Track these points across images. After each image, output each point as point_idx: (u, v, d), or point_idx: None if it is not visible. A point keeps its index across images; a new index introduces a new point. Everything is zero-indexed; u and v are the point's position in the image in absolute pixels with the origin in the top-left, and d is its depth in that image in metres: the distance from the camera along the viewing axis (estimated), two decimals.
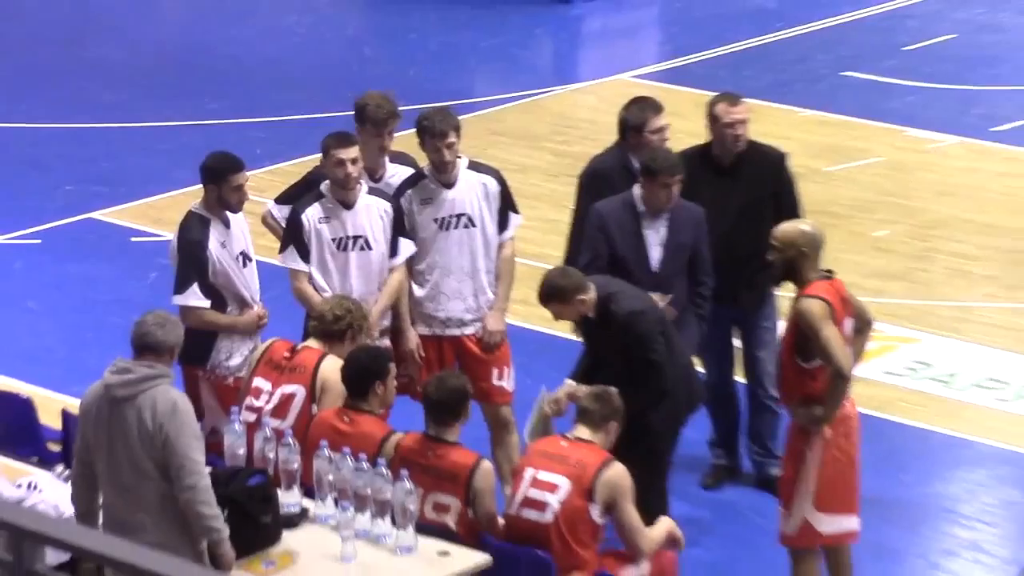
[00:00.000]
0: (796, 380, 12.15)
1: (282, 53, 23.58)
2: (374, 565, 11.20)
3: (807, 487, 12.03)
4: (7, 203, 19.21)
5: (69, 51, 24.08)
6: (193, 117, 20.55)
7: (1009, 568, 10.92)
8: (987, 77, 22.49)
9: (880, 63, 22.88)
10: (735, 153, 13.98)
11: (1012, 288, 17.37)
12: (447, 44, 23.74)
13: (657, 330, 12.44)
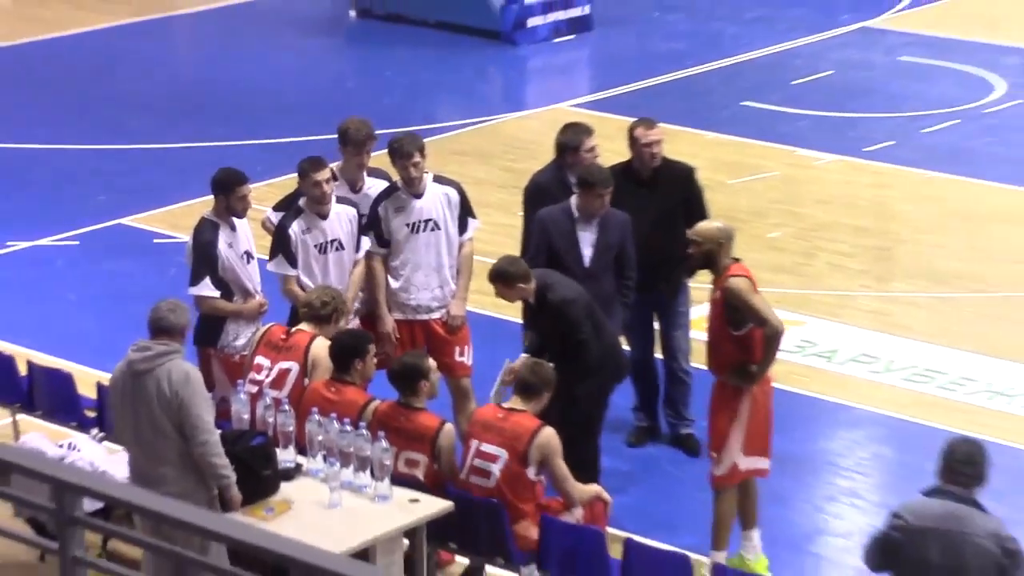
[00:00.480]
0: (728, 348, 12.33)
1: (278, 86, 23.51)
2: (356, 511, 11.34)
3: (738, 437, 12.23)
4: (50, 211, 19.21)
5: (101, 85, 23.98)
6: (204, 139, 20.52)
7: (880, 511, 10.96)
8: (860, 106, 22.51)
9: (772, 95, 22.90)
10: (652, 168, 14.13)
11: (881, 279, 17.55)
12: (415, 79, 23.69)
13: (584, 315, 12.54)
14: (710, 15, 26.50)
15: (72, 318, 16.58)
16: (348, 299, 13.36)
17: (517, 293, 12.72)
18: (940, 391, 15.30)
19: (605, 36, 25.48)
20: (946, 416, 14.41)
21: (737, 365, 12.30)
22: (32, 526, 10.98)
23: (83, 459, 12.11)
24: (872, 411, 15.03)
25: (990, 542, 9.84)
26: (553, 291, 12.62)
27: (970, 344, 16.12)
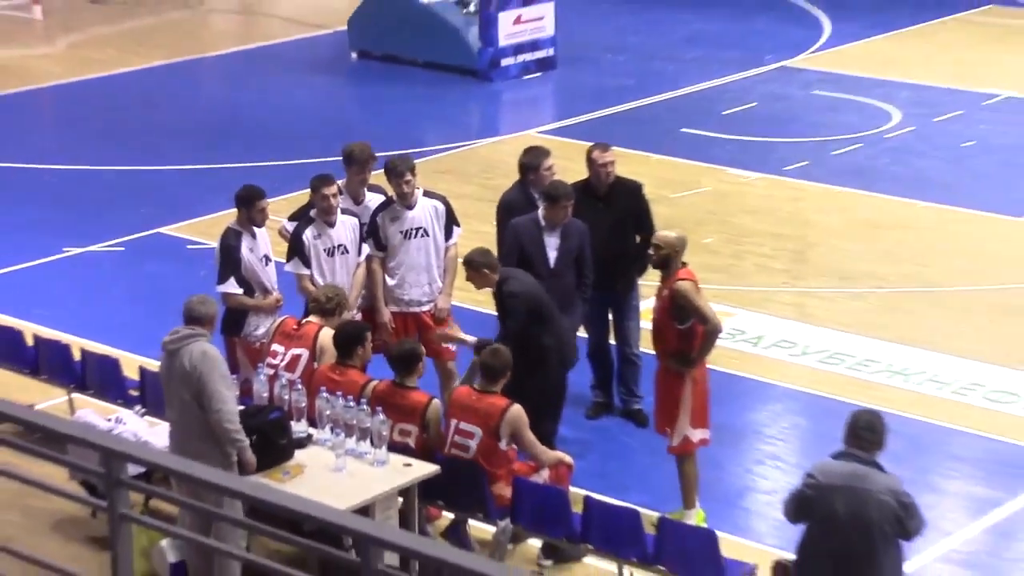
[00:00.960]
0: (672, 339, 12.48)
1: (291, 116, 23.52)
2: (358, 473, 11.37)
3: (686, 414, 12.35)
4: (100, 222, 19.19)
5: (141, 117, 23.96)
6: (228, 161, 20.55)
7: (797, 471, 10.97)
8: (780, 132, 22.54)
9: (706, 123, 22.90)
10: (607, 185, 14.17)
11: (798, 277, 17.58)
12: (407, 110, 23.71)
13: (524, 310, 12.64)
14: (653, 56, 26.48)
15: (118, 312, 16.60)
16: (352, 296, 13.45)
17: (482, 279, 12.84)
18: (848, 371, 15.35)
19: (566, 74, 25.46)
20: (852, 392, 14.44)
21: (678, 353, 12.44)
22: (84, 487, 10.97)
23: (128, 431, 12.14)
24: (791, 388, 15.11)
25: (889, 497, 9.89)
26: (507, 284, 12.74)
27: (873, 331, 16.15)
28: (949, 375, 15.28)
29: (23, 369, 14.21)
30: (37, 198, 20.39)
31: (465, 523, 12.14)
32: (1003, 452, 14.01)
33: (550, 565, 12.02)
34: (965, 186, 20.39)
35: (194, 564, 11.47)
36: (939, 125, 22.82)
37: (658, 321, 12.58)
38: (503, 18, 25.05)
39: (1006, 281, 17.50)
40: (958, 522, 12.87)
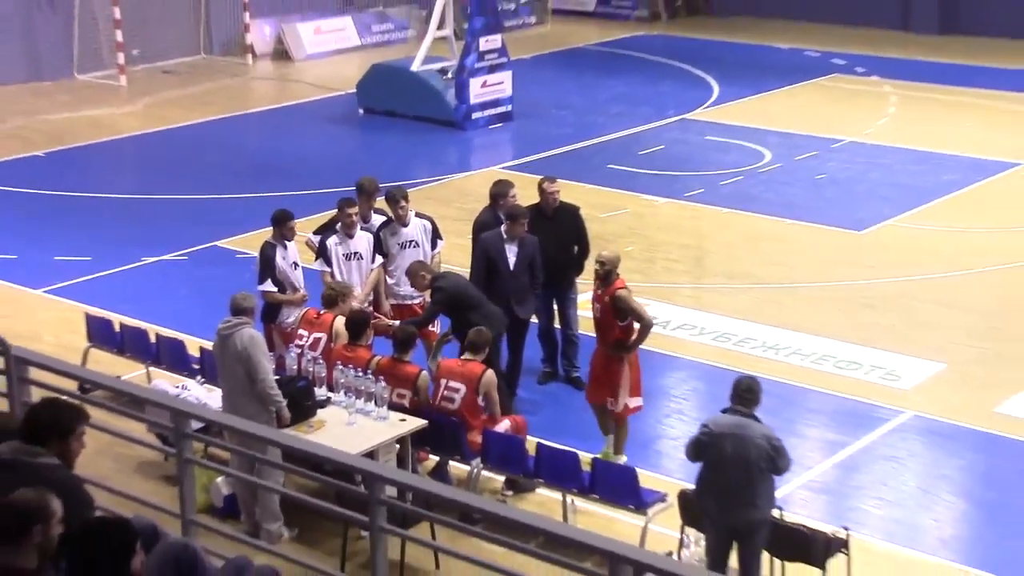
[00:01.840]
0: (614, 332, 12.55)
1: (314, 156, 23.46)
2: (366, 427, 11.36)
3: (625, 386, 12.43)
4: (169, 237, 19.06)
5: (200, 157, 23.89)
6: (266, 191, 20.49)
7: (696, 423, 10.96)
8: (681, 168, 22.51)
9: (627, 160, 22.90)
10: (553, 208, 14.23)
11: (696, 277, 17.67)
12: (402, 151, 23.62)
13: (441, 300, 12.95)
14: (587, 111, 26.47)
15: (183, 305, 16.52)
16: (361, 295, 13.52)
17: (418, 280, 13.18)
18: (733, 347, 15.37)
19: (521, 124, 25.41)
20: (736, 362, 14.41)
21: (619, 342, 12.50)
22: (159, 438, 10.93)
23: (191, 395, 12.13)
24: (691, 360, 15.11)
25: (763, 441, 9.94)
26: (436, 282, 13.05)
27: (751, 317, 16.17)
28: (808, 349, 15.32)
29: (112, 349, 14.18)
30: (121, 220, 20.27)
31: (447, 464, 12.15)
32: (848, 406, 14.08)
33: (511, 495, 12.03)
34: (819, 208, 20.42)
35: (242, 496, 11.47)
36: (799, 162, 22.84)
37: (601, 320, 12.65)
38: (473, 83, 25.00)
39: (850, 279, 17.56)
40: (815, 459, 12.92)
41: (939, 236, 19.20)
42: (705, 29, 34.91)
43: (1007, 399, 14.12)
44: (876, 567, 10.95)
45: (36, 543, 5.85)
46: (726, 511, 10.08)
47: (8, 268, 18.11)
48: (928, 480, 12.76)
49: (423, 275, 13.14)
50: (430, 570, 10.78)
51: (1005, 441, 13.36)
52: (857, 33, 32.72)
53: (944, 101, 26.89)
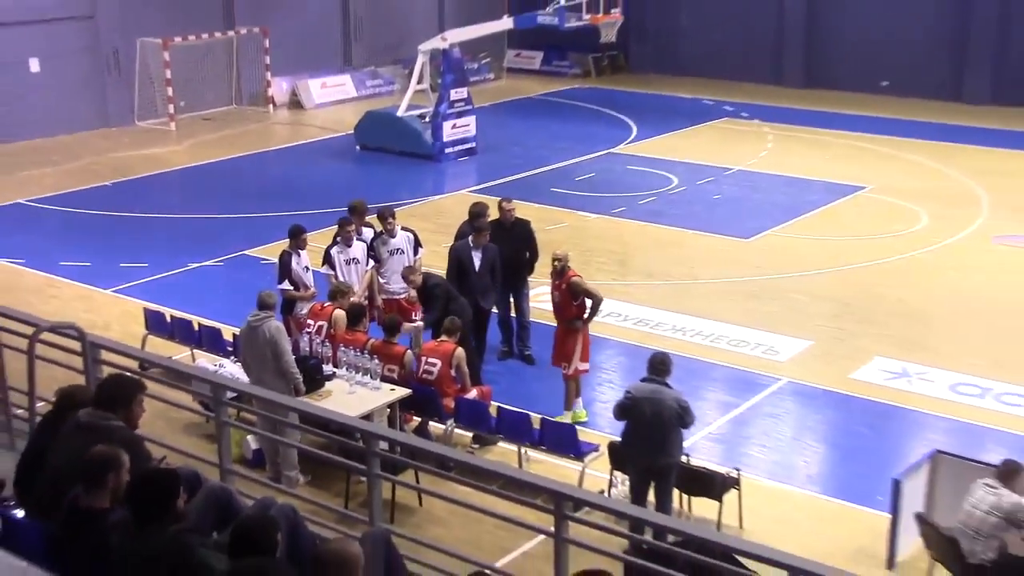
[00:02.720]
0: (571, 310, 12.63)
1: (320, 183, 23.22)
2: (363, 395, 11.31)
3: (577, 354, 12.48)
4: (208, 247, 18.93)
5: (233, 185, 23.66)
6: (283, 211, 20.29)
7: (621, 390, 10.99)
8: (608, 190, 22.53)
9: (566, 184, 22.85)
10: (510, 222, 14.28)
11: (621, 276, 17.51)
12: (390, 179, 23.52)
13: (441, 295, 12.89)
14: (535, 147, 26.34)
15: (219, 301, 16.31)
16: (360, 288, 13.45)
17: (412, 280, 13.18)
18: (650, 330, 15.38)
19: (484, 157, 25.34)
20: (652, 342, 14.42)
21: (574, 317, 12.55)
22: (201, 405, 10.85)
23: (226, 371, 12.00)
24: (619, 341, 15.06)
25: (674, 403, 9.94)
26: (431, 279, 13.08)
27: (664, 306, 16.20)
28: (707, 331, 15.34)
29: (164, 335, 14.07)
30: (171, 235, 20.09)
31: (427, 424, 12.09)
32: (738, 375, 14.13)
33: (477, 447, 12.00)
34: (716, 221, 20.42)
35: (267, 450, 11.40)
36: (700, 186, 22.86)
37: (560, 303, 12.72)
38: (446, 125, 24.93)
39: (739, 276, 17.60)
40: (713, 416, 12.96)
41: (806, 243, 19.28)
42: (625, 83, 34.95)
43: (858, 368, 14.23)
44: (760, 499, 11.00)
45: (110, 488, 5.87)
46: (645, 458, 10.10)
47: (83, 273, 17.96)
48: (799, 431, 12.85)
49: (411, 278, 13.20)
50: (415, 507, 10.75)
51: (857, 400, 13.47)
52: (742, 86, 32.84)
53: (808, 139, 27.00)
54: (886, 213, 20.84)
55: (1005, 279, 17.46)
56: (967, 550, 9.13)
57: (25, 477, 6.94)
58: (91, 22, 28.15)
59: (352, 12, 33.95)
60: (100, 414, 6.68)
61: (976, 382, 13.73)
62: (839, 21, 32.44)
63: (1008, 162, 24.52)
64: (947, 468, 10.22)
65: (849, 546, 10.28)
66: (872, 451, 12.20)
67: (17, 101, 26.82)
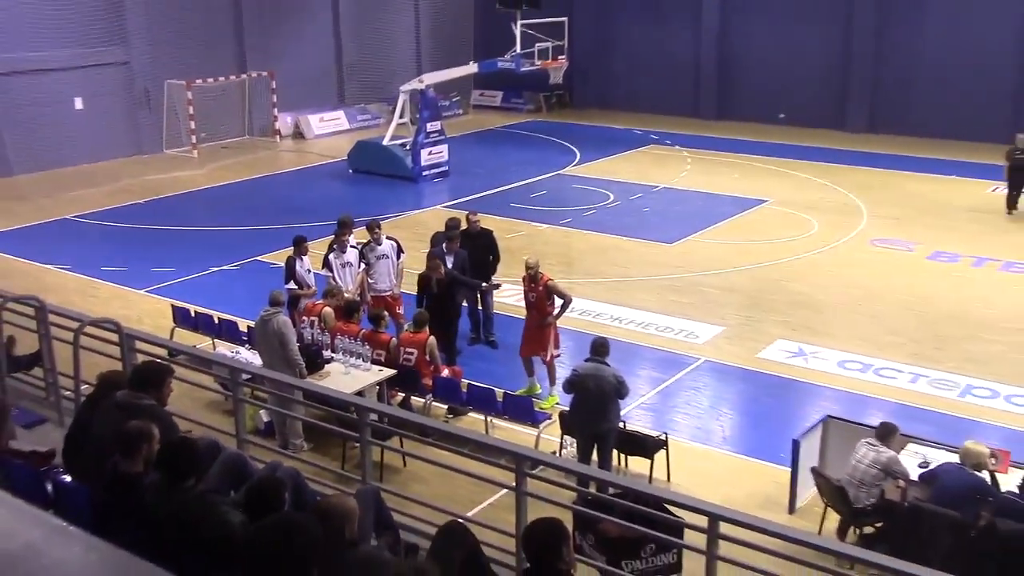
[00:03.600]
0: (546, 309, 12.42)
1: (319, 201, 22.95)
2: (357, 375, 11.24)
3: (551, 342, 12.35)
4: (226, 254, 18.70)
5: (247, 203, 23.47)
6: (289, 223, 20.06)
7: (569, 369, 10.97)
8: (558, 205, 22.40)
9: (523, 200, 22.76)
10: (476, 231, 14.15)
11: (568, 275, 17.33)
12: (377, 196, 23.29)
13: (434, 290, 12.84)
14: (498, 169, 26.25)
15: (236, 298, 16.05)
16: (353, 288, 13.32)
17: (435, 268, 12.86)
18: (592, 319, 15.35)
19: (455, 179, 25.22)
20: (594, 329, 14.33)
21: (548, 314, 12.40)
22: (221, 385, 10.72)
23: (242, 357, 11.82)
24: (567, 328, 14.86)
25: (612, 378, 9.94)
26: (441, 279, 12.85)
27: (603, 299, 16.18)
28: (639, 320, 15.36)
29: (189, 328, 13.85)
30: (195, 244, 19.83)
31: (409, 398, 11.95)
32: (664, 356, 14.13)
33: (451, 417, 11.88)
34: (645, 229, 20.42)
35: (276, 423, 11.26)
36: (632, 200, 22.87)
37: (536, 302, 12.54)
38: (423, 152, 24.82)
39: (665, 275, 17.62)
40: (645, 389, 12.97)
41: (719, 246, 19.33)
42: (571, 116, 34.94)
43: (763, 349, 14.29)
44: (684, 457, 11.01)
45: (143, 456, 5.80)
46: (589, 424, 10.10)
47: (121, 276, 17.73)
48: (715, 401, 12.87)
49: (439, 271, 12.89)
50: (400, 468, 10.68)
51: (762, 375, 13.52)
52: (665, 118, 32.89)
53: (720, 161, 27.08)
54: (784, 221, 20.96)
55: (882, 274, 17.62)
56: (853, 497, 9.20)
57: (71, 448, 6.84)
58: (126, 67, 28.08)
59: (345, 59, 33.82)
60: (135, 394, 6.61)
61: (859, 359, 13.84)
62: (744, 65, 32.65)
63: (883, 179, 24.75)
64: (836, 430, 10.29)
65: (758, 495, 10.32)
66: (775, 417, 12.26)
67: (64, 133, 26.76)
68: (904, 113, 29.78)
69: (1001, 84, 28.23)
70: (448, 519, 6.32)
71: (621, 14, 34.78)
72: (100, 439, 6.34)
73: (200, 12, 29.44)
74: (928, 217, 21.15)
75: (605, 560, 7.72)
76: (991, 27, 28.30)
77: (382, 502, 6.59)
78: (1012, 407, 12.40)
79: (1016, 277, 17.41)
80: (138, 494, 5.62)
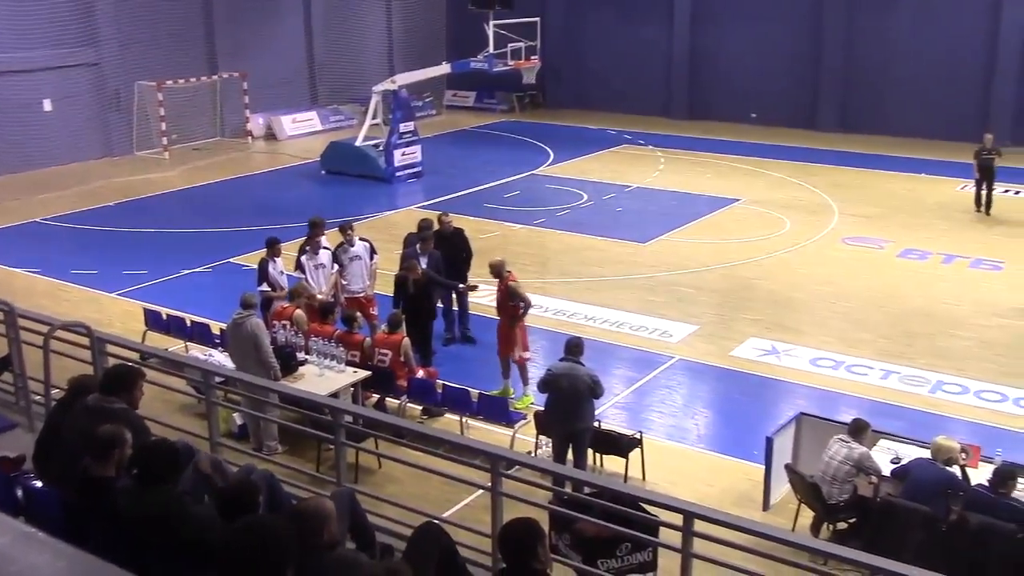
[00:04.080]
0: (509, 310, 12.39)
1: (292, 202, 22.83)
2: (331, 377, 11.20)
3: (520, 344, 12.31)
4: (198, 257, 18.57)
5: (220, 204, 23.24)
6: (261, 225, 19.95)
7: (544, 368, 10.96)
8: (531, 205, 22.43)
9: (496, 201, 22.75)
10: (449, 231, 14.17)
11: (541, 275, 17.43)
12: (351, 197, 23.22)
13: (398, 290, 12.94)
14: (470, 170, 26.22)
15: (208, 301, 15.93)
16: (327, 289, 13.28)
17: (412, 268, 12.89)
18: (566, 319, 15.39)
19: (428, 179, 25.20)
20: (568, 328, 14.37)
21: (512, 316, 12.37)
22: (194, 388, 10.64)
23: (215, 360, 11.78)
24: (541, 328, 14.93)
25: (587, 378, 9.96)
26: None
27: (577, 299, 16.22)
28: (613, 319, 15.40)
29: (161, 331, 13.75)
30: (166, 246, 19.68)
31: (383, 400, 11.91)
32: (639, 355, 14.19)
33: (426, 418, 11.88)
34: (619, 229, 20.48)
35: (250, 425, 11.21)
36: (605, 200, 22.94)
37: (500, 301, 12.55)
38: (396, 153, 24.79)
39: (639, 274, 17.68)
40: (620, 388, 13.01)
41: (692, 245, 19.42)
42: (544, 117, 34.97)
43: (736, 347, 14.38)
44: (659, 456, 11.05)
45: (115, 460, 5.76)
46: (564, 423, 10.10)
47: (92, 279, 17.59)
48: (689, 399, 12.93)
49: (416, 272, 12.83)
50: (375, 469, 10.65)
51: (736, 373, 13.60)
52: (639, 118, 32.98)
53: (692, 161, 27.21)
54: (756, 220, 21.09)
55: (853, 272, 17.77)
56: (826, 493, 9.27)
57: (42, 453, 6.77)
58: (96, 68, 27.81)
59: (317, 59, 33.68)
60: (106, 398, 6.55)
61: (831, 356, 13.95)
62: (716, 66, 32.80)
63: (854, 178, 24.96)
64: (809, 427, 10.36)
65: (732, 492, 10.37)
66: (749, 414, 12.33)
67: (33, 136, 26.48)
68: (875, 112, 30.05)
69: (970, 83, 28.56)
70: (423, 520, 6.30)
71: (593, 14, 34.87)
72: (71, 444, 6.28)
73: (171, 13, 29.22)
74: (899, 215, 21.35)
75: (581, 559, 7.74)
76: (960, 27, 28.62)
77: (357, 504, 6.57)
78: (982, 402, 12.55)
79: (985, 274, 17.62)
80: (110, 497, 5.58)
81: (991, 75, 28.35)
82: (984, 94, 28.41)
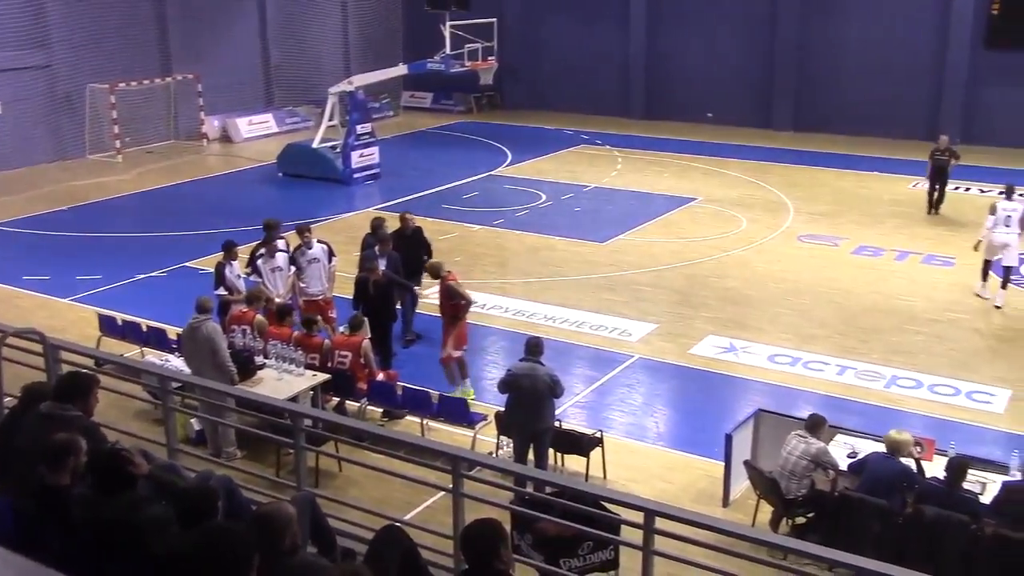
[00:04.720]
0: (448, 308, 12.33)
1: (249, 204, 22.57)
2: (290, 380, 11.12)
3: (450, 343, 12.29)
4: (153, 261, 18.36)
5: (174, 207, 22.98)
6: (217, 228, 19.73)
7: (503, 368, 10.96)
8: (490, 206, 22.45)
9: (455, 202, 22.73)
10: (410, 231, 14.15)
11: (502, 275, 17.42)
12: (308, 199, 23.04)
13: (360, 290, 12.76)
14: (428, 171, 26.14)
15: (164, 305, 15.72)
16: (284, 291, 13.19)
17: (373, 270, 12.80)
18: (525, 319, 15.41)
19: (386, 180, 25.08)
20: (527, 328, 14.42)
21: (451, 314, 12.29)
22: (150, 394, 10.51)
23: (171, 365, 11.63)
24: (500, 328, 15.02)
25: (547, 377, 9.98)
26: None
27: (536, 299, 16.24)
28: (572, 318, 15.44)
29: (116, 336, 13.59)
30: (121, 250, 19.41)
31: (343, 403, 11.87)
32: (598, 354, 14.24)
33: (387, 420, 11.86)
34: (576, 229, 20.54)
35: (208, 430, 11.11)
36: (564, 200, 22.99)
37: (441, 301, 12.50)
38: (354, 155, 24.65)
39: (597, 273, 17.74)
40: (580, 388, 13.05)
41: (650, 245, 19.52)
42: (502, 117, 34.98)
43: (695, 345, 14.48)
44: (619, 454, 11.11)
45: (70, 468, 5.69)
46: (525, 423, 10.12)
47: (44, 285, 17.32)
48: (649, 397, 13.00)
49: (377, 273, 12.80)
50: (336, 472, 10.60)
51: (695, 371, 13.70)
52: (596, 119, 33.12)
53: (650, 161, 27.36)
54: (713, 219, 21.25)
55: (809, 270, 17.98)
56: (785, 488, 9.36)
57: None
58: (47, 70, 27.36)
59: (272, 60, 33.44)
60: (60, 406, 6.46)
61: (788, 353, 14.10)
62: (672, 66, 33.01)
63: (808, 177, 25.25)
64: (768, 423, 10.46)
65: (692, 489, 10.45)
66: (708, 411, 12.43)
67: None
68: (828, 112, 30.42)
69: (921, 82, 29.01)
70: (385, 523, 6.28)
71: (550, 15, 34.95)
72: (25, 452, 6.18)
73: (122, 14, 28.82)
74: (853, 213, 21.63)
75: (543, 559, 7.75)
76: (911, 28, 29.06)
77: (318, 508, 6.53)
78: (935, 396, 12.76)
79: (937, 270, 17.90)
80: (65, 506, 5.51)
81: (940, 74, 28.81)
82: (933, 92, 28.87)
